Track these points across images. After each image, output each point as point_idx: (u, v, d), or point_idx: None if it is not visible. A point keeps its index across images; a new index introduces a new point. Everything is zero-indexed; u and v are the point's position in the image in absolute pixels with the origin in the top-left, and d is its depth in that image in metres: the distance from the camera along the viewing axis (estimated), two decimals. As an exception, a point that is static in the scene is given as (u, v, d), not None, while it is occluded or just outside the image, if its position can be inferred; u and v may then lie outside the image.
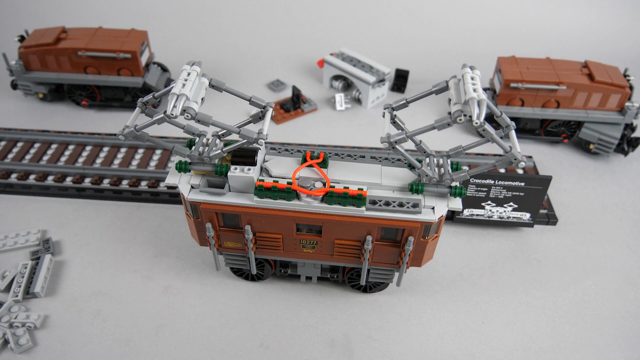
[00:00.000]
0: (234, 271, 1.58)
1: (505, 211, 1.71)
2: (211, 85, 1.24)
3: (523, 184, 1.63)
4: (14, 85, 2.29)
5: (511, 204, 1.69)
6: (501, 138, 1.19)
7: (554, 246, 1.75)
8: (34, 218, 1.78)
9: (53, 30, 2.22)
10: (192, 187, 1.29)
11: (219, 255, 1.47)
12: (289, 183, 1.24)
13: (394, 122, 1.27)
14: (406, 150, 1.23)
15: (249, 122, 1.31)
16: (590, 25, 3.03)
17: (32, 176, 1.90)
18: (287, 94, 2.46)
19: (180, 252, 1.68)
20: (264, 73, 2.62)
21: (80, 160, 1.99)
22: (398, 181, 1.28)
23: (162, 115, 1.14)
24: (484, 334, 1.48)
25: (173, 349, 1.41)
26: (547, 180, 1.61)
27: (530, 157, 2.09)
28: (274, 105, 1.29)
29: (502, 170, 1.96)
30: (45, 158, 2.00)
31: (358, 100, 2.43)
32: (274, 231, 1.33)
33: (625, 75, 2.08)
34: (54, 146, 2.05)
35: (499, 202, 1.69)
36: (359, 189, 1.23)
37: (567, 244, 1.76)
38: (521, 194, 1.65)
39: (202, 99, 1.19)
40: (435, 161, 1.29)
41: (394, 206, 1.23)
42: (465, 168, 1.81)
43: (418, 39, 2.95)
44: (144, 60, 2.23)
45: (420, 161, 1.25)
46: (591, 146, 2.13)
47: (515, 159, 1.15)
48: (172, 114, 1.11)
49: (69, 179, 1.90)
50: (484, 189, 1.66)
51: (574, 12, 3.07)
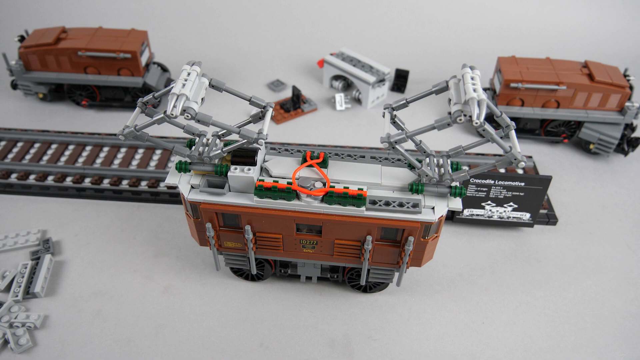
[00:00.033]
0: (234, 271, 1.58)
1: (505, 211, 1.71)
2: (211, 85, 1.24)
3: (523, 184, 1.63)
4: (14, 85, 2.29)
5: (511, 204, 1.69)
6: (501, 138, 1.19)
7: (554, 246, 1.75)
8: (34, 218, 1.78)
9: (53, 30, 2.22)
10: (192, 187, 1.29)
11: (219, 255, 1.47)
12: (289, 183, 1.24)
13: (394, 122, 1.27)
14: (406, 150, 1.23)
15: (249, 122, 1.31)
16: (590, 25, 3.03)
17: (32, 176, 1.90)
18: (287, 94, 2.46)
19: (180, 252, 1.68)
20: (264, 73, 2.62)
21: (80, 160, 1.99)
22: (398, 181, 1.28)
23: (162, 115, 1.14)
24: (484, 334, 1.48)
25: (173, 349, 1.41)
26: (547, 180, 1.61)
27: (530, 157, 2.08)
28: (274, 105, 1.29)
29: (502, 170, 1.96)
30: (45, 158, 2.00)
31: (358, 100, 2.43)
32: (274, 231, 1.33)
33: (625, 75, 2.08)
34: (54, 146, 2.05)
35: (499, 202, 1.69)
36: (359, 189, 1.23)
37: (567, 244, 1.76)
38: (521, 194, 1.65)
39: (202, 99, 1.19)
40: (435, 161, 1.29)
41: (394, 206, 1.23)
42: (465, 168, 1.81)
43: (418, 39, 2.95)
44: (144, 60, 2.22)
45: (420, 161, 1.25)
46: (591, 146, 2.12)
47: (515, 159, 1.15)
48: (172, 114, 1.11)
49: (69, 179, 1.90)
50: (484, 189, 1.66)
51: (574, 12, 3.07)
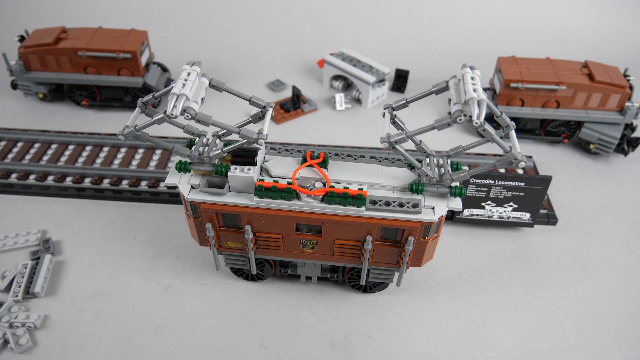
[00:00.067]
0: (234, 271, 1.58)
1: (505, 211, 1.71)
2: (211, 85, 1.24)
3: (523, 184, 1.63)
4: (14, 85, 2.29)
5: (511, 204, 1.69)
6: (501, 138, 1.19)
7: (554, 246, 1.75)
8: (34, 218, 1.78)
9: (53, 30, 2.22)
10: (192, 187, 1.29)
11: (219, 255, 1.47)
12: (289, 183, 1.24)
13: (394, 122, 1.27)
14: (406, 150, 1.23)
15: (249, 122, 1.31)
16: (590, 25, 3.03)
17: (32, 176, 1.90)
18: (287, 94, 2.46)
19: (180, 252, 1.68)
20: (264, 73, 2.62)
21: (80, 160, 1.99)
22: (398, 181, 1.28)
23: (162, 115, 1.14)
24: (484, 334, 1.48)
25: (173, 349, 1.41)
26: (547, 180, 1.61)
27: (530, 157, 2.08)
28: (274, 105, 1.29)
29: (502, 170, 1.96)
30: (45, 158, 2.00)
31: (358, 100, 2.43)
32: (274, 231, 1.33)
33: (625, 75, 2.08)
34: (54, 146, 2.05)
35: (499, 202, 1.69)
36: (359, 189, 1.23)
37: (567, 244, 1.76)
38: (521, 194, 1.65)
39: (202, 99, 1.19)
40: (435, 161, 1.28)
41: (394, 206, 1.23)
42: (465, 168, 1.81)
43: (418, 39, 2.95)
44: (144, 60, 2.22)
45: (420, 161, 1.25)
46: (591, 146, 2.12)
47: (515, 159, 1.15)
48: (172, 114, 1.11)
49: (69, 179, 1.90)
50: (484, 189, 1.66)
51: (574, 12, 3.07)
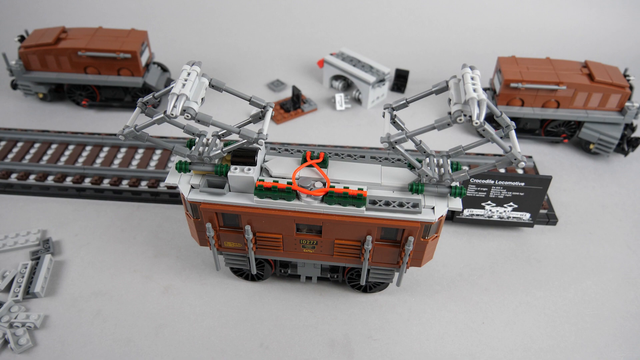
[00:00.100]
0: (234, 271, 1.58)
1: (505, 211, 1.71)
2: (211, 85, 1.24)
3: (523, 184, 1.63)
4: (14, 85, 2.29)
5: (511, 204, 1.69)
6: (501, 138, 1.19)
7: (554, 246, 1.75)
8: (34, 218, 1.78)
9: (53, 30, 2.22)
10: (192, 187, 1.29)
11: (219, 255, 1.47)
12: (289, 183, 1.24)
13: (394, 122, 1.27)
14: (406, 150, 1.23)
15: (249, 122, 1.31)
16: (590, 25, 3.03)
17: (32, 176, 1.90)
18: (287, 94, 2.46)
19: (180, 252, 1.68)
20: (264, 73, 2.62)
21: (80, 160, 1.99)
22: (398, 181, 1.28)
23: (162, 115, 1.14)
24: (484, 334, 1.48)
25: (173, 349, 1.41)
26: (547, 180, 1.61)
27: (530, 157, 2.08)
28: (274, 105, 1.29)
29: (502, 170, 1.96)
30: (45, 158, 2.00)
31: (358, 100, 2.43)
32: (274, 231, 1.33)
33: (625, 75, 2.08)
34: (54, 146, 2.05)
35: (499, 202, 1.69)
36: (359, 189, 1.23)
37: (567, 244, 1.76)
38: (521, 194, 1.65)
39: (202, 99, 1.19)
40: (435, 161, 1.28)
41: (394, 206, 1.23)
42: (465, 168, 1.81)
43: (418, 39, 2.95)
44: (144, 60, 2.22)
45: (420, 161, 1.25)
46: (591, 146, 2.12)
47: (515, 159, 1.15)
48: (172, 114, 1.11)
49: (69, 179, 1.90)
50: (484, 189, 1.66)
51: (574, 12, 3.07)
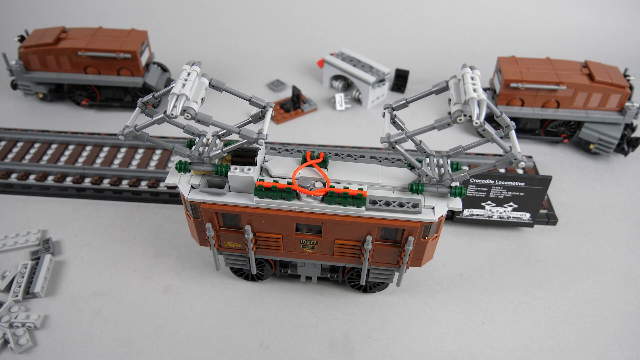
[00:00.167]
0: (234, 271, 1.58)
1: (505, 211, 1.71)
2: (211, 85, 1.24)
3: (523, 184, 1.63)
4: (14, 85, 2.29)
5: (511, 204, 1.69)
6: (501, 138, 1.19)
7: (554, 246, 1.75)
8: (34, 218, 1.78)
9: (53, 30, 2.22)
10: (192, 187, 1.29)
11: (219, 255, 1.47)
12: (289, 183, 1.24)
13: (394, 122, 1.27)
14: (406, 150, 1.23)
15: (249, 122, 1.31)
16: (590, 25, 3.03)
17: (32, 176, 1.90)
18: (287, 94, 2.46)
19: (180, 252, 1.68)
20: (264, 73, 2.62)
21: (80, 160, 1.99)
22: (398, 181, 1.28)
23: (162, 115, 1.14)
24: (484, 334, 1.48)
25: (173, 349, 1.41)
26: (547, 180, 1.61)
27: (530, 157, 2.08)
28: (274, 105, 1.29)
29: (502, 170, 1.96)
30: (45, 158, 2.00)
31: (358, 100, 2.43)
32: (274, 231, 1.33)
33: (625, 75, 2.08)
34: (54, 146, 2.05)
35: (499, 202, 1.69)
36: (359, 189, 1.23)
37: (567, 244, 1.76)
38: (521, 194, 1.65)
39: (202, 99, 1.19)
40: (435, 161, 1.28)
41: (394, 206, 1.23)
42: (465, 168, 1.81)
43: (418, 39, 2.95)
44: (144, 60, 2.22)
45: (420, 161, 1.25)
46: (591, 146, 2.12)
47: (515, 159, 1.15)
48: (172, 114, 1.11)
49: (69, 179, 1.90)
50: (484, 189, 1.66)
51: (574, 12, 3.07)
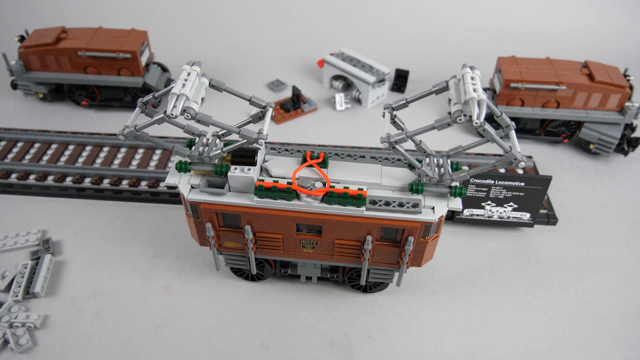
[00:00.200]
0: (234, 271, 1.58)
1: (505, 211, 1.71)
2: (211, 85, 1.24)
3: (523, 184, 1.63)
4: (14, 85, 2.29)
5: (511, 204, 1.69)
6: (501, 138, 1.19)
7: (554, 246, 1.75)
8: (34, 218, 1.78)
9: (53, 30, 2.22)
10: (192, 187, 1.29)
11: (219, 255, 1.47)
12: (289, 183, 1.24)
13: (394, 122, 1.27)
14: (406, 150, 1.23)
15: (249, 122, 1.31)
16: (590, 25, 3.03)
17: (32, 176, 1.90)
18: (287, 94, 2.46)
19: (180, 252, 1.68)
20: (264, 73, 2.62)
21: (80, 160, 1.99)
22: (398, 181, 1.28)
23: (162, 115, 1.14)
24: (484, 334, 1.48)
25: (173, 349, 1.41)
26: (547, 180, 1.61)
27: (530, 157, 2.08)
28: (274, 105, 1.29)
29: (502, 170, 1.96)
30: (45, 158, 2.00)
31: (358, 100, 2.43)
32: (274, 231, 1.33)
33: (625, 75, 2.08)
34: (54, 146, 2.05)
35: (499, 202, 1.69)
36: (359, 189, 1.23)
37: (567, 244, 1.76)
38: (521, 194, 1.65)
39: (202, 99, 1.19)
40: (435, 161, 1.28)
41: (394, 206, 1.23)
42: (465, 168, 1.81)
43: (418, 39, 2.95)
44: (144, 60, 2.22)
45: (420, 161, 1.25)
46: (591, 146, 2.12)
47: (515, 159, 1.15)
48: (172, 114, 1.11)
49: (69, 179, 1.90)
50: (484, 189, 1.66)
51: (574, 12, 3.07)
